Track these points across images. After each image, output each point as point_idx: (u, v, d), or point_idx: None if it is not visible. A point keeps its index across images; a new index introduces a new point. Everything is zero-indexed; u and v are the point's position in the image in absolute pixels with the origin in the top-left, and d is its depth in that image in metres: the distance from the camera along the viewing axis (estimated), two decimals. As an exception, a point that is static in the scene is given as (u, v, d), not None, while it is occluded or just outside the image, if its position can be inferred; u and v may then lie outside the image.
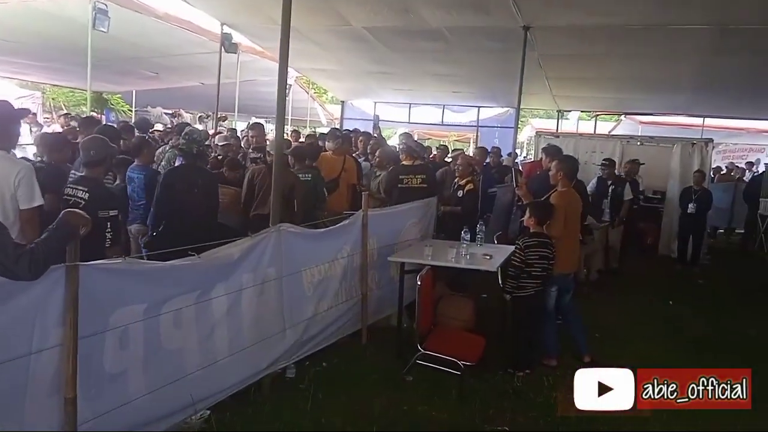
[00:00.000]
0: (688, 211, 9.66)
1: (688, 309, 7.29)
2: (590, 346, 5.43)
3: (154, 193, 5.11)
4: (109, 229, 3.88)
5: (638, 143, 11.23)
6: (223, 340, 3.70)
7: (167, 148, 6.98)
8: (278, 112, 4.32)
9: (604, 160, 9.04)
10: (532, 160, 10.53)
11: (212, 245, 3.62)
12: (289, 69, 14.05)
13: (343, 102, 16.74)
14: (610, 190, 8.56)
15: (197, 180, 5.02)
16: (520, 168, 10.29)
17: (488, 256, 5.42)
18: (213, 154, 7.43)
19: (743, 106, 13.35)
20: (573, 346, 5.42)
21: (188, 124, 7.86)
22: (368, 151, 8.44)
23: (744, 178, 14.37)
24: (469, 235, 5.83)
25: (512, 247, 5.33)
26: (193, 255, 3.42)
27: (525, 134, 21.71)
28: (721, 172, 15.13)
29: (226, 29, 10.78)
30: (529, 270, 4.93)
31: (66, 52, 11.63)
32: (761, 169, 15.44)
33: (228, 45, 11.03)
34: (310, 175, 6.25)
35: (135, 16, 9.93)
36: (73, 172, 4.82)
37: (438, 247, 5.59)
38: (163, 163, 6.48)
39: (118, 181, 5.61)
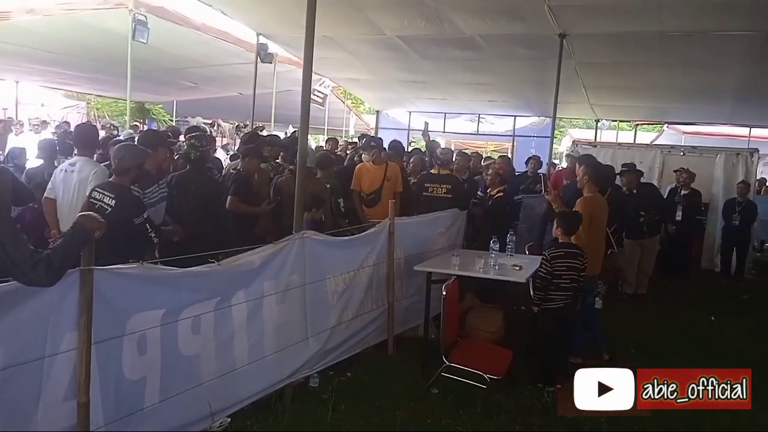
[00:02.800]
0: (732, 223, 9.30)
1: (731, 325, 6.98)
2: (611, 346, 5.55)
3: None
4: (151, 230, 3.96)
5: (681, 153, 10.89)
6: (243, 348, 3.68)
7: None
8: (302, 119, 4.31)
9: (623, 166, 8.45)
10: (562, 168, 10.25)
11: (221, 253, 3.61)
12: (324, 79, 14.31)
13: (378, 112, 16.78)
14: None
15: (191, 187, 4.98)
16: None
17: (518, 266, 5.29)
18: None
19: (792, 116, 12.88)
20: (593, 346, 5.54)
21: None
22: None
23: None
24: (498, 245, 5.71)
25: (545, 258, 5.22)
26: (213, 262, 3.41)
27: (564, 144, 21.37)
28: (767, 184, 14.55)
29: (262, 39, 10.91)
30: (557, 282, 4.78)
31: (108, 63, 11.90)
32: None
33: (264, 55, 11.15)
34: (328, 185, 6.22)
35: (173, 27, 10.11)
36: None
37: (466, 257, 5.47)
38: None
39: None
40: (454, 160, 7.85)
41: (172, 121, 19.48)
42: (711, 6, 7.12)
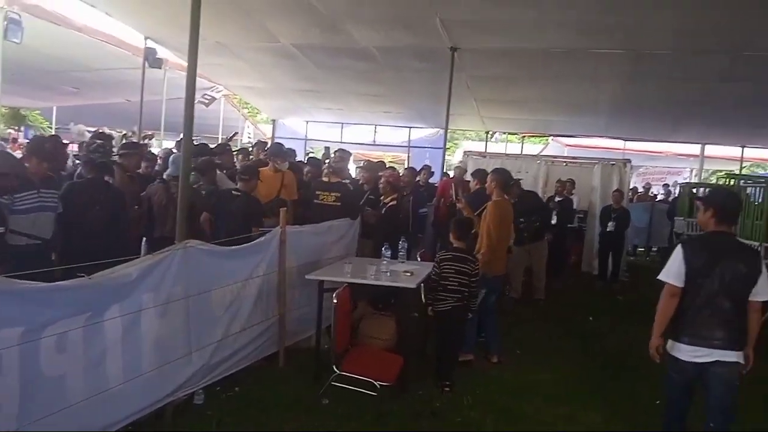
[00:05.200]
0: (608, 230, 9.93)
1: (607, 324, 7.46)
2: (501, 349, 5.89)
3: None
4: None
5: (564, 164, 11.54)
6: (117, 366, 3.44)
7: None
8: (185, 126, 4.14)
9: None
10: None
11: (109, 263, 3.38)
12: (216, 85, 13.90)
13: (274, 121, 16.54)
14: None
15: (98, 196, 4.76)
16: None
17: (409, 273, 5.36)
18: None
19: (659, 130, 13.97)
20: (484, 347, 5.89)
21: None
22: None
23: (666, 199, 15.17)
24: (390, 252, 5.76)
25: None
26: (83, 275, 3.18)
27: (458, 156, 22.03)
28: (638, 193, 15.79)
29: (150, 43, 10.46)
30: (445, 284, 4.95)
31: (-25, 64, 10.99)
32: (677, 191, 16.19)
33: (152, 60, 10.69)
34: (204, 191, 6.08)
35: (51, 27, 9.48)
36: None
37: (358, 265, 5.46)
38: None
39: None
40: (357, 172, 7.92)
41: (50, 128, 18.18)
42: (587, 25, 7.59)
